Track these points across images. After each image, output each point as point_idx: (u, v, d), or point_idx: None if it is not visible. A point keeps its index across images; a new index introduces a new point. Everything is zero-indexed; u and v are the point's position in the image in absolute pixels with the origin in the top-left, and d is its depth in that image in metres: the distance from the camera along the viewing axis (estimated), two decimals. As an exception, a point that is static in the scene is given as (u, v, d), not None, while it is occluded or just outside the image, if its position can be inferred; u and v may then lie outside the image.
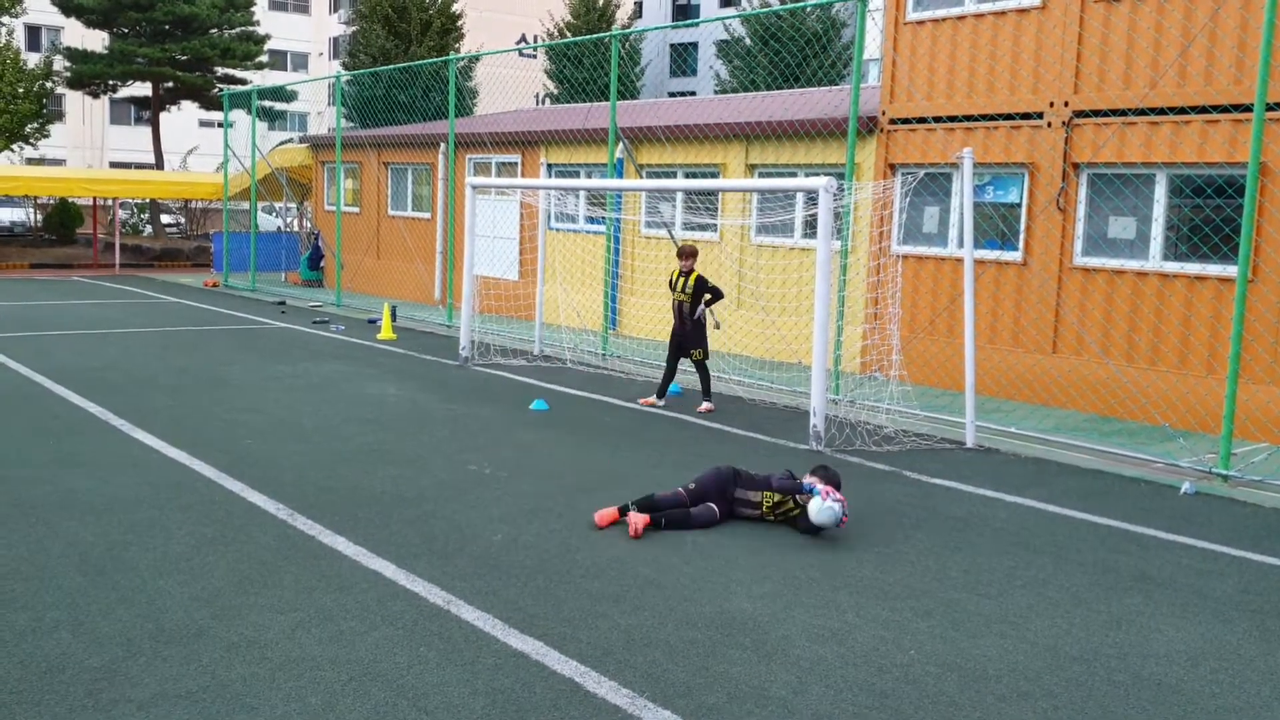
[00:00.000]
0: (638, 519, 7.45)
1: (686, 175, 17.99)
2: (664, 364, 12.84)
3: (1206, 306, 11.69)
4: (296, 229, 31.25)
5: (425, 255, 23.31)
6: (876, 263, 14.33)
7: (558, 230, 19.83)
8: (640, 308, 18.25)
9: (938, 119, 13.94)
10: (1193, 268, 11.80)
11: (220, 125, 30.43)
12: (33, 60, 42.44)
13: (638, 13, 61.69)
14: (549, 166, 20.67)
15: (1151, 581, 6.90)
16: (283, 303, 23.23)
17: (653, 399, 12.56)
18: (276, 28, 56.54)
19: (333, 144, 25.17)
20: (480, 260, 15.75)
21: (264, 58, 42.54)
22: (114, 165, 57.31)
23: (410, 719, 4.71)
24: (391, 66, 25.94)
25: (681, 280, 12.30)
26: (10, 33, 38.39)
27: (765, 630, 5.83)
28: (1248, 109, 10.72)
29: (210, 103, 41.75)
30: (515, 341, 16.97)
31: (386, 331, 17.95)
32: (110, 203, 36.66)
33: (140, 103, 44.75)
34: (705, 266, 17.01)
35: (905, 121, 14.34)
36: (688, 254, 12.35)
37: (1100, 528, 8.11)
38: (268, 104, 38.28)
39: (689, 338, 12.36)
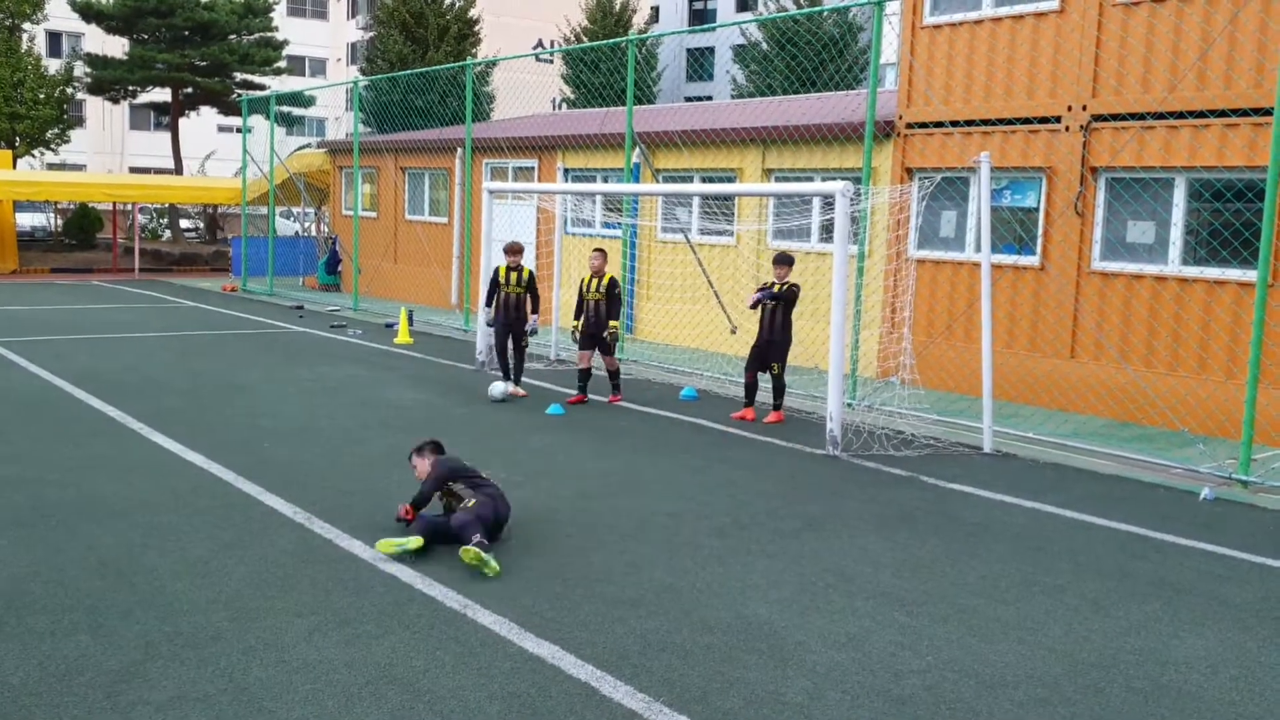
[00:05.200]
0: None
1: (703, 180, 17.98)
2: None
3: (1226, 311, 11.62)
4: (314, 234, 31.37)
5: (442, 260, 23.36)
6: (893, 267, 14.29)
7: (574, 235, 19.85)
8: (656, 313, 18.25)
9: (955, 123, 13.89)
10: (1212, 272, 11.72)
11: (239, 130, 30.59)
12: (53, 66, 42.78)
13: (654, 18, 61.73)
14: (566, 171, 20.70)
15: (1170, 588, 6.85)
16: (300, 307, 23.32)
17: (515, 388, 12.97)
18: (295, 33, 56.74)
19: (350, 149, 25.27)
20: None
21: (282, 63, 42.73)
22: (133, 170, 57.62)
23: (426, 723, 4.72)
24: (409, 72, 26.06)
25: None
26: (31, 39, 38.73)
27: (781, 635, 5.82)
28: (1268, 112, 10.64)
29: (229, 108, 41.99)
30: (531, 346, 16.97)
31: (403, 336, 18.00)
32: (130, 208, 36.88)
33: (160, 108, 45.02)
34: (723, 270, 17.02)
35: (922, 126, 14.30)
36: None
37: (1119, 533, 8.06)
38: (286, 109, 38.48)
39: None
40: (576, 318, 12.88)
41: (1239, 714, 5.09)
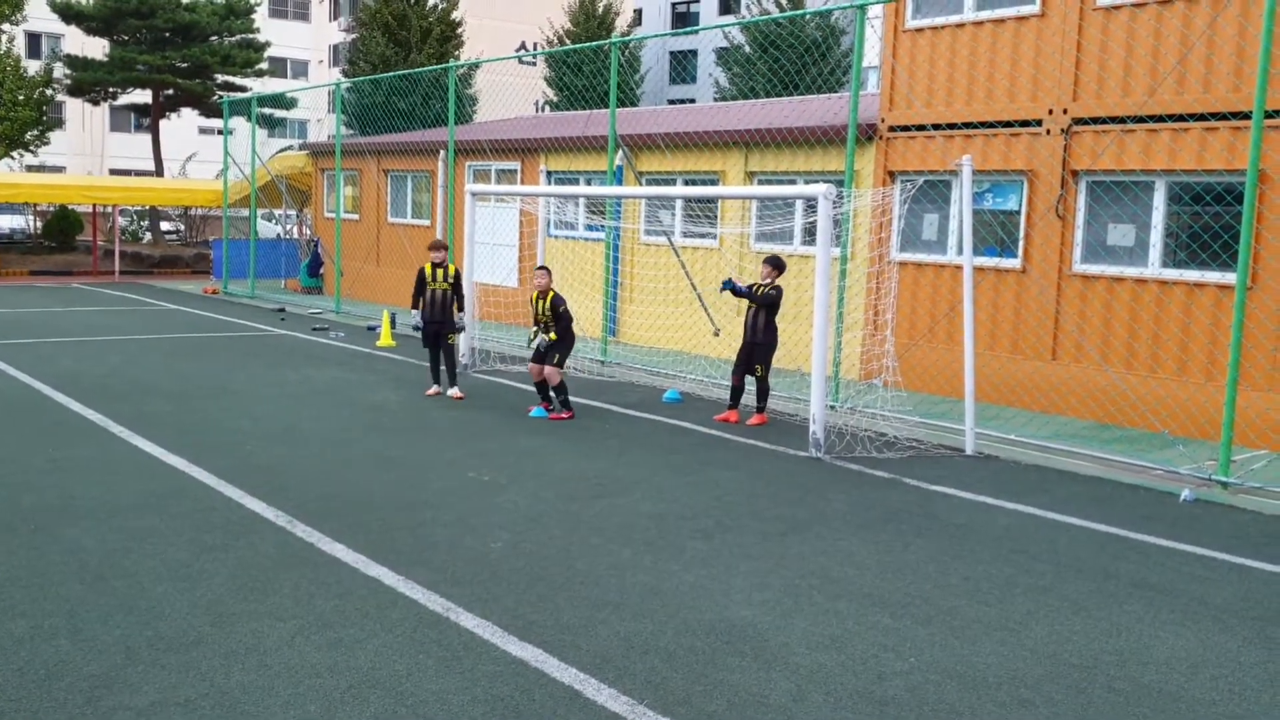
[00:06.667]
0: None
1: (686, 182, 18.00)
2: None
3: (1205, 313, 11.69)
4: (296, 236, 31.25)
5: (424, 262, 23.28)
6: (876, 270, 14.33)
7: (557, 238, 19.83)
8: (640, 315, 18.26)
9: (937, 126, 13.95)
10: (1192, 275, 11.80)
11: (220, 132, 30.48)
12: (33, 67, 42.46)
13: (637, 20, 61.78)
14: (548, 174, 20.67)
15: (1151, 589, 6.89)
16: (282, 310, 23.23)
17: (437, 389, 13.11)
18: (276, 35, 56.52)
19: (332, 151, 25.19)
20: (480, 267, 15.74)
21: (264, 65, 42.54)
22: (114, 172, 57.29)
23: (409, 726, 4.71)
24: (391, 74, 26.00)
25: (440, 272, 13.06)
26: (10, 40, 38.42)
27: (765, 637, 5.82)
28: (1246, 116, 10.73)
29: (210, 110, 41.76)
30: (515, 348, 16.97)
31: (386, 338, 17.96)
32: (110, 210, 36.64)
33: (140, 110, 44.76)
34: (706, 272, 17.03)
35: (904, 129, 14.35)
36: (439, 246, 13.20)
37: (1100, 535, 8.10)
38: (267, 111, 38.29)
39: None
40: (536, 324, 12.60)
41: (1220, 714, 5.12)
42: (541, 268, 12.65)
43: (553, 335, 12.02)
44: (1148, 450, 10.86)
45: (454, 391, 12.97)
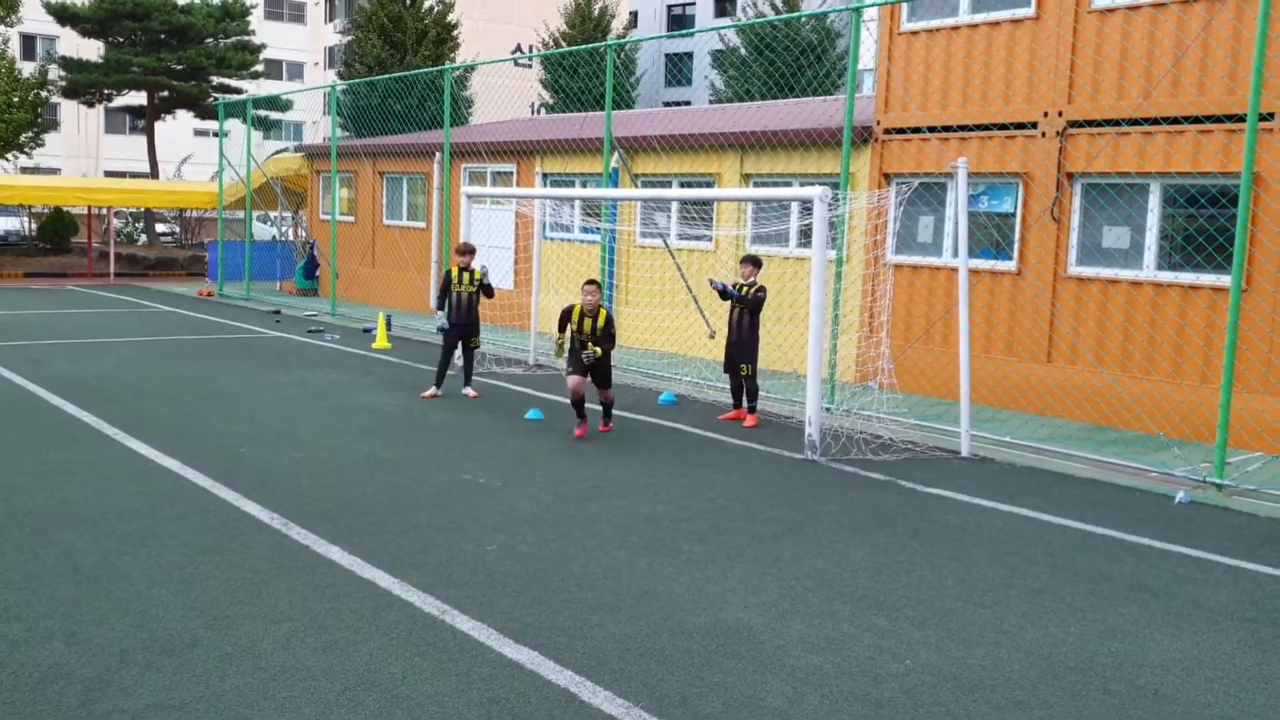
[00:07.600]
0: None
1: (682, 185, 18.00)
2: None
3: (1200, 316, 11.71)
4: (291, 238, 31.22)
5: (420, 264, 23.30)
6: (871, 272, 14.34)
7: (553, 240, 19.83)
8: (635, 317, 18.25)
9: (932, 129, 13.96)
10: (1187, 277, 11.82)
11: (215, 134, 30.44)
12: (28, 69, 42.43)
13: (633, 23, 61.80)
14: (544, 176, 20.68)
15: (1146, 591, 6.90)
16: (278, 312, 23.20)
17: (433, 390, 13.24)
18: (272, 37, 56.50)
19: (328, 153, 25.18)
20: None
21: (259, 67, 42.55)
22: (109, 174, 57.22)
23: (405, 729, 4.70)
24: (387, 76, 26.01)
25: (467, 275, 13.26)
26: (5, 41, 38.40)
27: (761, 640, 5.82)
28: (1241, 119, 10.74)
29: (205, 112, 41.73)
30: (511, 351, 16.97)
31: (381, 341, 17.94)
32: (105, 212, 36.61)
33: (135, 112, 44.73)
34: (702, 274, 17.04)
35: (900, 131, 14.37)
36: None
37: (1095, 537, 8.11)
38: (263, 113, 38.28)
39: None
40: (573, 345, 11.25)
41: (1214, 715, 5.13)
42: (591, 282, 11.22)
43: (598, 351, 11.02)
44: (1143, 452, 10.88)
45: (468, 390, 13.33)
